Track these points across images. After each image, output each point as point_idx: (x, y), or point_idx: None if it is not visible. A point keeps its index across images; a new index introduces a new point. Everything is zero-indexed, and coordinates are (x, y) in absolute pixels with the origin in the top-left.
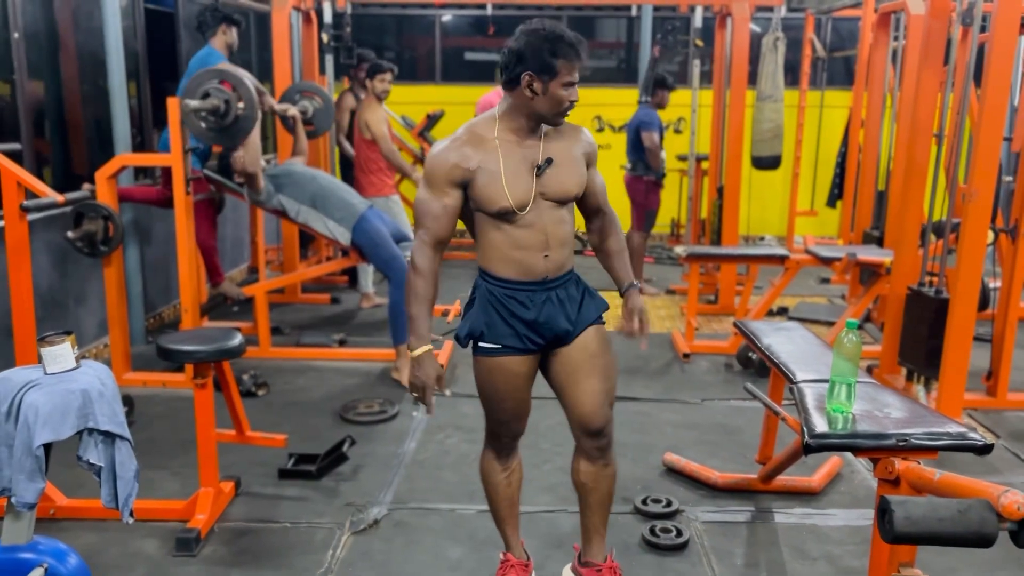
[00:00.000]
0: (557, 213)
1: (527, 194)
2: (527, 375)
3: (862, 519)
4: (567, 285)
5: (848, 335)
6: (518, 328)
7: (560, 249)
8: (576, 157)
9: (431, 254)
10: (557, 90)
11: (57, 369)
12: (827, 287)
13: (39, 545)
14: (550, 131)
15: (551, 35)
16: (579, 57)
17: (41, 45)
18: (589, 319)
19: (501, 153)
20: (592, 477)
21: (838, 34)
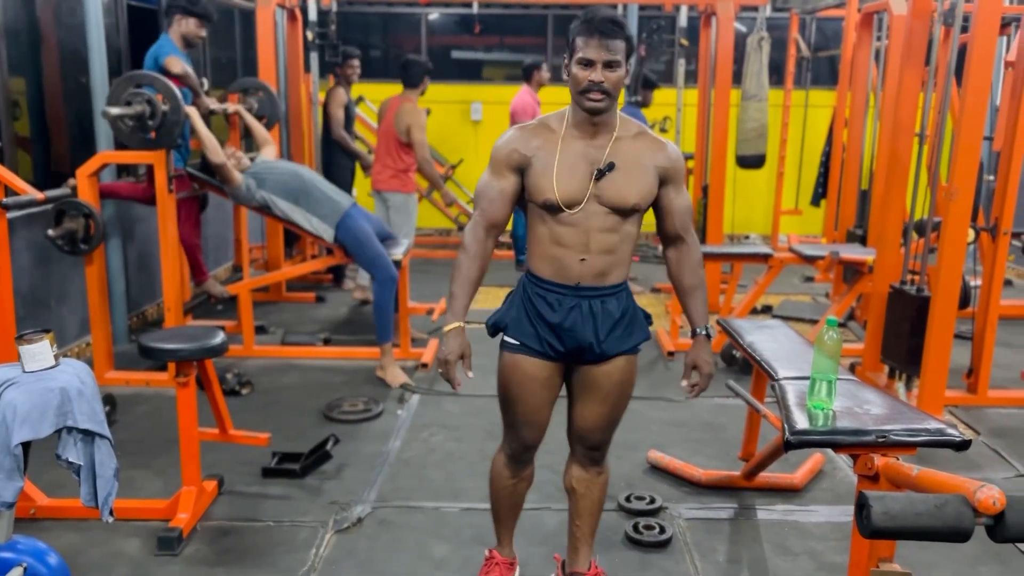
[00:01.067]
0: (608, 220)
1: (579, 193)
2: (544, 382)
3: (843, 515)
4: (606, 299)
5: (829, 332)
6: (540, 329)
7: (601, 256)
8: (646, 168)
9: (482, 235)
10: (574, 69)
11: (36, 367)
12: (811, 285)
13: (18, 544)
14: (626, 137)
15: (584, 14)
16: (593, 32)
17: (22, 41)
18: (624, 347)
19: (561, 146)
20: (584, 484)
21: (822, 34)
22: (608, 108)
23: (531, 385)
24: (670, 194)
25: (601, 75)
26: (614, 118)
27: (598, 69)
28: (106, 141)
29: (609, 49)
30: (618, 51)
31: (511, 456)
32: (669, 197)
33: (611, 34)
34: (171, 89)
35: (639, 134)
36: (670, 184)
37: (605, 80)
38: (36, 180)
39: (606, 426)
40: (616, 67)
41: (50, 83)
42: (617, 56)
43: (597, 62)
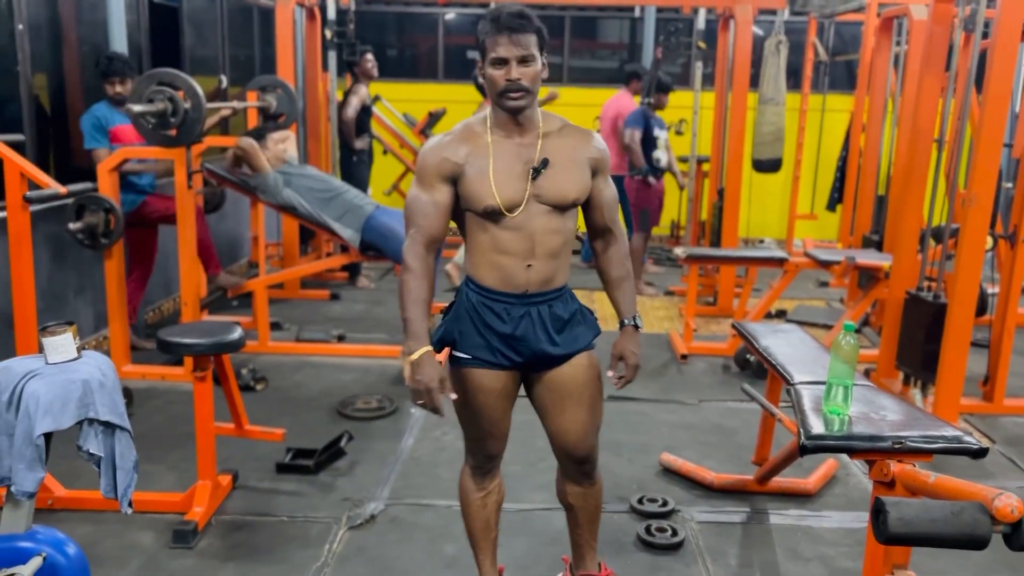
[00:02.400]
0: (550, 221)
1: (518, 194)
2: (502, 393)
3: (857, 521)
4: (553, 303)
5: (846, 337)
6: (491, 340)
7: (547, 261)
8: (579, 161)
9: (423, 253)
10: (489, 70)
11: (58, 359)
12: (826, 291)
13: (38, 534)
14: (552, 132)
15: (489, 11)
16: (501, 29)
17: (44, 37)
18: (579, 345)
19: (493, 150)
20: (580, 498)
21: (840, 38)
22: (530, 104)
23: (488, 398)
24: (599, 185)
25: (517, 72)
26: (536, 114)
27: (512, 67)
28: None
29: (520, 44)
30: (530, 45)
31: (475, 468)
32: (599, 188)
33: (520, 29)
34: (193, 87)
35: (564, 127)
36: (599, 175)
37: (522, 77)
38: (56, 174)
39: (588, 433)
40: (531, 61)
41: (71, 79)
42: (530, 50)
43: (510, 59)
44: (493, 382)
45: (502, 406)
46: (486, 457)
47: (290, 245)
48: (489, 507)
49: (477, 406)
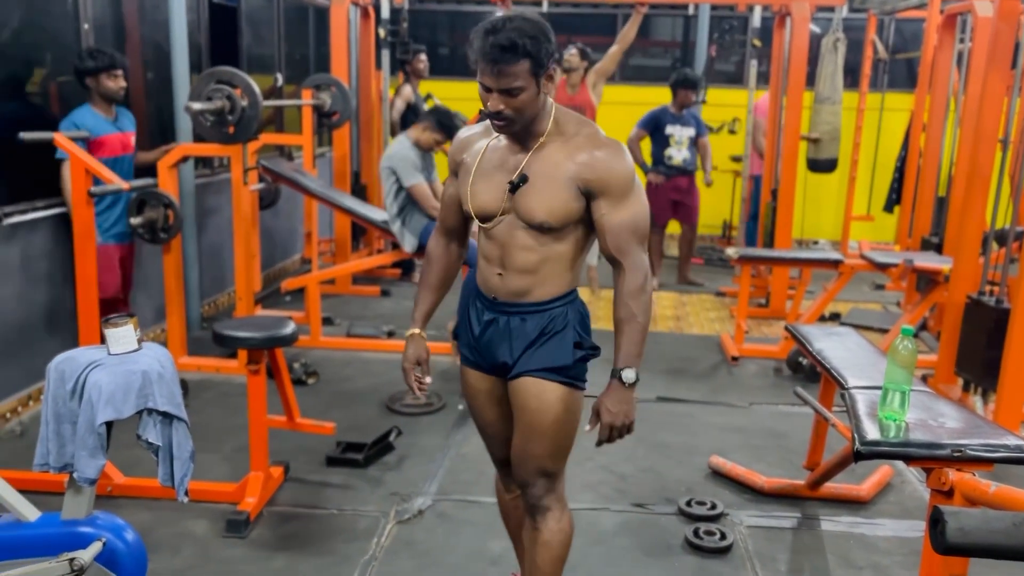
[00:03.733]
0: (526, 238)
1: (492, 205)
2: (488, 395)
3: (912, 530)
4: (527, 316)
5: (904, 342)
6: (469, 340)
7: (519, 276)
8: (560, 180)
9: (441, 240)
10: (480, 87)
11: (120, 350)
12: (882, 294)
13: (98, 520)
14: (554, 142)
15: (481, 25)
16: (481, 54)
17: (108, 36)
18: (527, 366)
19: (483, 154)
20: (527, 534)
21: (901, 35)
22: (522, 127)
23: (477, 397)
24: (601, 208)
25: (496, 104)
26: (541, 123)
27: (495, 97)
28: (185, 134)
29: (504, 76)
30: (517, 75)
31: (497, 469)
32: (600, 212)
33: (503, 62)
34: (250, 85)
35: (574, 136)
36: (600, 198)
37: (505, 107)
38: None
39: (519, 461)
40: (516, 92)
41: (133, 76)
42: (516, 83)
43: (493, 89)
44: (477, 382)
45: (491, 409)
46: (499, 463)
47: (342, 241)
48: (520, 510)
49: (470, 405)
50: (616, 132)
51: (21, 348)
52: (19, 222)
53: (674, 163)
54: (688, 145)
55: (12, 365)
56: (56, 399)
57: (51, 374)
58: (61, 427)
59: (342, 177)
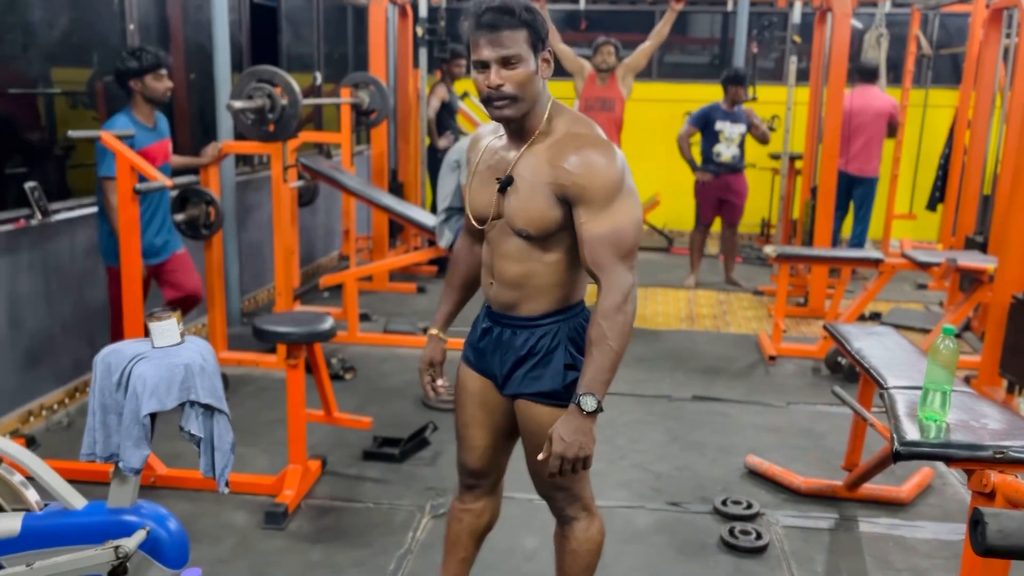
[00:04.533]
0: (510, 245)
1: (486, 208)
2: (477, 399)
3: (953, 533)
4: (518, 331)
5: (945, 341)
6: (472, 340)
7: (505, 289)
8: (538, 185)
9: (466, 241)
10: (474, 74)
11: (163, 344)
12: (924, 293)
13: (142, 508)
14: (544, 141)
15: (467, 8)
16: (481, 27)
17: (153, 37)
18: (517, 389)
19: (483, 154)
20: (556, 539)
21: (946, 30)
22: (521, 113)
23: (464, 396)
24: (580, 217)
25: (498, 77)
26: (536, 119)
27: (493, 71)
28: (227, 132)
29: (502, 44)
30: (516, 43)
31: (458, 472)
32: (579, 221)
33: (502, 25)
34: (290, 83)
35: (563, 136)
36: (579, 205)
37: (505, 82)
38: None
39: (533, 477)
40: (516, 63)
41: (176, 76)
42: (515, 50)
43: (491, 62)
44: (470, 382)
45: (475, 413)
46: (463, 469)
47: (379, 239)
48: (463, 524)
49: (456, 401)
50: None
51: (68, 341)
52: (66, 219)
53: (723, 160)
54: (739, 142)
55: (60, 358)
56: (103, 390)
57: (98, 366)
58: (107, 418)
59: (380, 175)
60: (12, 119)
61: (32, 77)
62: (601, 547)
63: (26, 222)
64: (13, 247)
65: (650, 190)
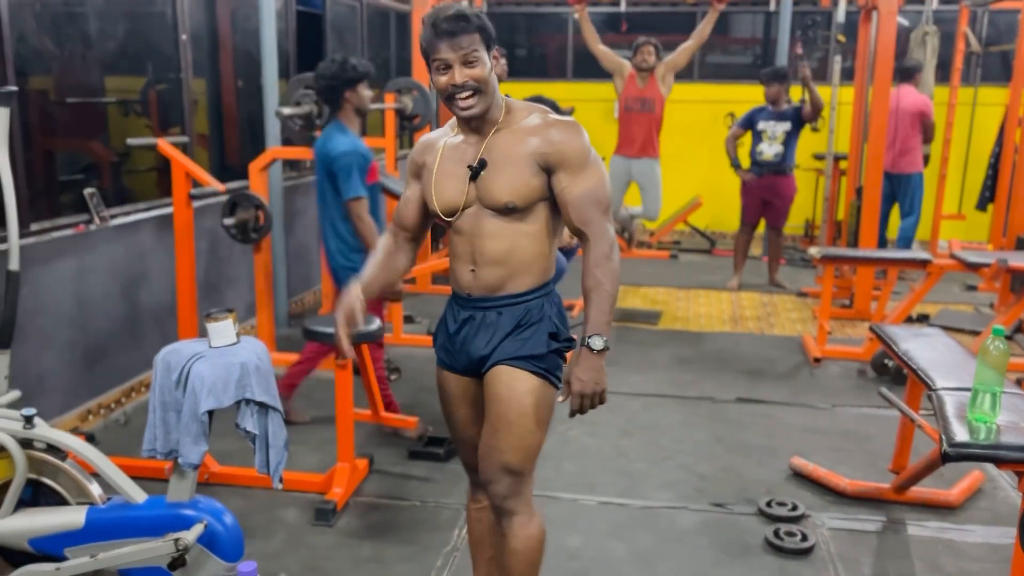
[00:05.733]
0: (493, 225)
1: (456, 198)
2: (461, 398)
3: (1004, 537)
4: (502, 310)
5: (995, 342)
6: (444, 340)
7: (491, 267)
8: (519, 158)
9: (390, 240)
10: (435, 76)
11: (220, 343)
12: (974, 295)
13: (199, 503)
14: (508, 127)
15: (426, 15)
16: (437, 35)
17: (204, 46)
18: (500, 356)
19: (442, 152)
20: (500, 537)
21: (995, 27)
22: (485, 107)
23: (449, 400)
24: (562, 182)
25: (461, 75)
26: (496, 111)
27: (456, 70)
28: (274, 138)
29: (461, 46)
30: (472, 44)
31: (468, 475)
32: (561, 185)
33: (458, 31)
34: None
35: (527, 118)
36: (560, 171)
37: (468, 79)
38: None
39: (484, 455)
40: (475, 62)
41: (226, 84)
42: (473, 49)
43: (453, 63)
44: (452, 385)
45: (465, 412)
46: (468, 468)
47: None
48: (483, 524)
49: (443, 407)
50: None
51: (126, 341)
52: (124, 223)
53: (764, 158)
54: (783, 140)
55: (117, 358)
56: (162, 388)
57: (158, 365)
58: (167, 415)
59: None
60: (71, 127)
61: (90, 86)
62: (542, 547)
63: (85, 227)
64: (73, 251)
65: (691, 191)
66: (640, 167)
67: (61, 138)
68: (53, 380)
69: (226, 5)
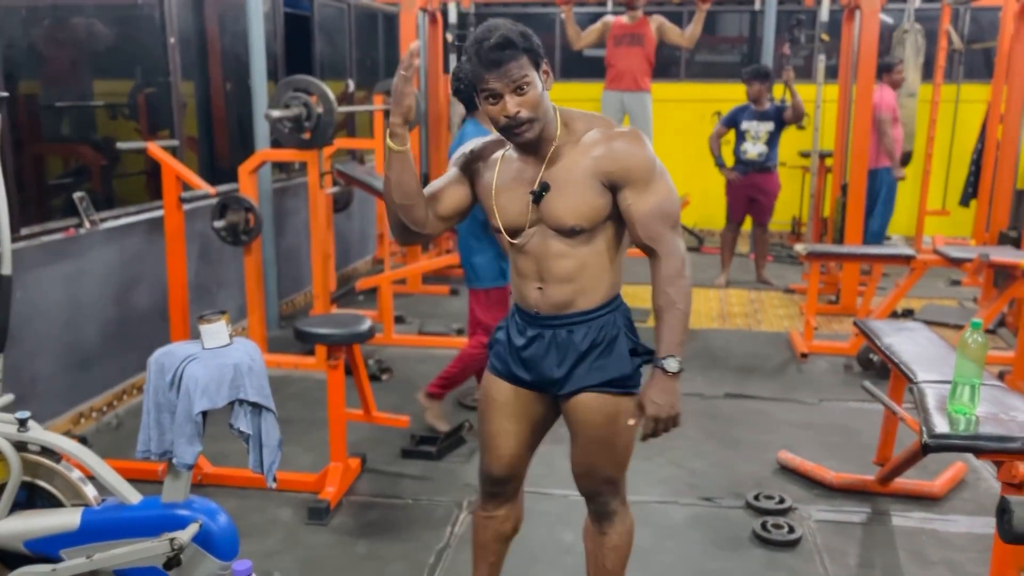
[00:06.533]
0: (559, 245)
1: (519, 219)
2: (506, 408)
3: (987, 527)
4: (574, 328)
5: (973, 335)
6: (508, 350)
7: (559, 285)
8: (580, 179)
9: None
10: (484, 104)
11: (213, 345)
12: (958, 290)
13: (194, 503)
14: (567, 143)
15: (468, 42)
16: (481, 63)
17: (193, 49)
18: (583, 382)
19: (500, 166)
20: (590, 539)
21: (977, 24)
22: (539, 132)
23: (492, 407)
24: (627, 199)
25: (514, 105)
26: (551, 129)
27: (508, 100)
28: (263, 140)
29: (510, 75)
30: (522, 70)
31: (480, 481)
32: (627, 203)
33: (504, 60)
34: (325, 92)
35: (586, 132)
36: (626, 188)
37: (521, 108)
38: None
39: (585, 474)
40: (527, 87)
41: (215, 86)
42: (524, 74)
43: (503, 92)
44: (500, 394)
45: (504, 424)
46: (487, 474)
47: None
48: (489, 531)
49: (482, 412)
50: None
51: (117, 345)
52: (114, 227)
53: (748, 157)
54: (766, 140)
55: (109, 361)
56: (156, 390)
57: (152, 366)
58: (161, 416)
59: None
60: (60, 130)
61: (79, 90)
62: (633, 534)
63: (75, 231)
64: (64, 255)
65: (680, 190)
66: (631, 100)
67: (50, 142)
68: (45, 383)
69: (214, 8)
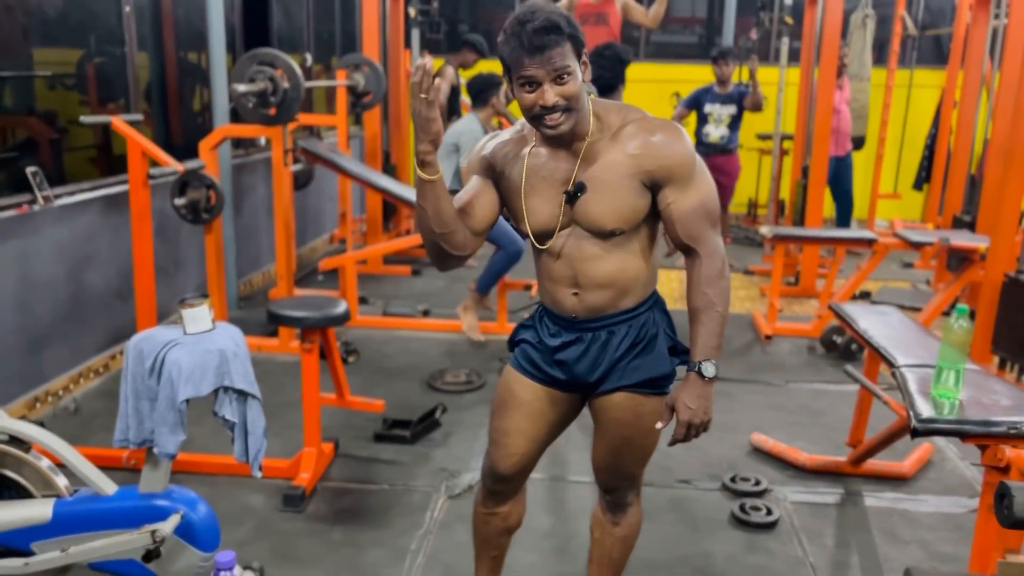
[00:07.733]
0: (592, 247)
1: (550, 221)
2: (525, 407)
3: (955, 506)
4: (614, 329)
5: (958, 321)
6: (538, 350)
7: (597, 291)
8: (619, 179)
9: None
10: (519, 92)
11: (196, 330)
12: (910, 272)
13: (173, 493)
14: (602, 139)
15: (508, 23)
16: (522, 46)
17: (148, 19)
18: (620, 381)
19: (528, 162)
20: (599, 528)
21: (929, 11)
22: (574, 124)
23: (510, 404)
24: (668, 197)
25: (554, 95)
26: (584, 123)
27: (547, 89)
28: (223, 115)
29: (552, 62)
30: (564, 58)
31: (483, 477)
32: (666, 201)
33: (548, 45)
34: (291, 66)
35: (623, 128)
36: (666, 186)
37: (559, 98)
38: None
39: (607, 469)
40: (567, 76)
41: (170, 59)
42: (565, 63)
43: (543, 80)
44: (521, 391)
45: (519, 422)
46: (492, 470)
47: (374, 221)
48: (491, 527)
49: (498, 406)
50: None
51: (73, 326)
52: (69, 203)
53: (710, 140)
54: (728, 123)
55: (65, 343)
56: (135, 377)
57: (129, 352)
58: (139, 404)
59: (373, 157)
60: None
61: (26, 58)
62: None
63: (28, 207)
64: (16, 233)
65: None
66: None
67: None
68: None
69: None
